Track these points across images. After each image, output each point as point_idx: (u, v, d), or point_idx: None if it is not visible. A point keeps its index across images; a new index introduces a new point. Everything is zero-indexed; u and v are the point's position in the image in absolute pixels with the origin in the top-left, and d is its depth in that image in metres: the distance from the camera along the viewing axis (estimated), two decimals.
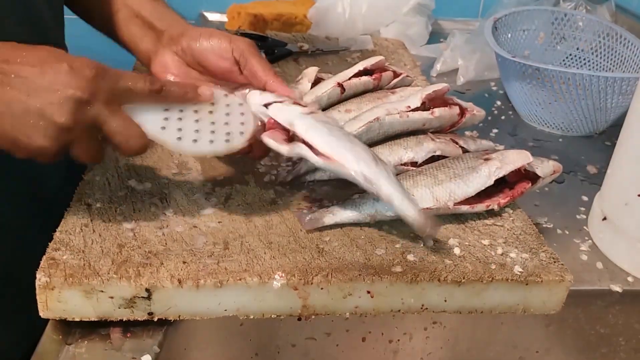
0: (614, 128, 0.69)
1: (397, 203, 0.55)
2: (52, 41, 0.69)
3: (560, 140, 0.96)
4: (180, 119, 0.57)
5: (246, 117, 0.61)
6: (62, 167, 0.75)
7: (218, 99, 0.61)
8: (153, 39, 0.72)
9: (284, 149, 0.57)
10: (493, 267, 0.58)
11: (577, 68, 1.08)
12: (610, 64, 1.04)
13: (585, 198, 0.79)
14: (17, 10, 0.63)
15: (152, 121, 0.55)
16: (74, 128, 0.50)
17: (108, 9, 0.76)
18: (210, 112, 0.59)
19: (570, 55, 1.10)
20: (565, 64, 1.11)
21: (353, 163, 0.55)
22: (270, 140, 0.57)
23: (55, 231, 0.56)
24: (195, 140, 0.56)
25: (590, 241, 0.71)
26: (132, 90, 0.53)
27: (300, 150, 0.56)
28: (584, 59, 1.09)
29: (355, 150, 0.56)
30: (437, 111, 0.72)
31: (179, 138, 0.56)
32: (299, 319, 0.63)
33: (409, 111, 0.70)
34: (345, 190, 0.68)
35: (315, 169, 0.68)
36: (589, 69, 1.07)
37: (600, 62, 1.06)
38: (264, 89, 0.64)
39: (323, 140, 0.56)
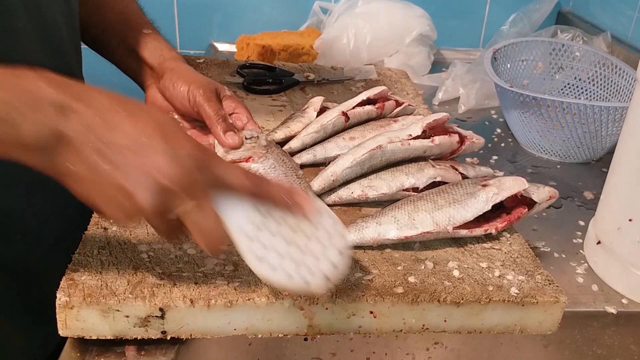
0: (611, 155, 0.71)
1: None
2: (74, 72, 0.74)
3: (558, 166, 0.99)
4: (272, 234, 0.50)
5: (342, 257, 0.52)
6: None
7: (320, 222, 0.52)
8: (146, 73, 0.78)
9: None
10: (490, 288, 0.60)
11: (575, 97, 1.12)
12: (607, 93, 1.08)
13: (581, 223, 0.82)
14: (43, 42, 0.67)
15: (237, 220, 0.49)
16: (153, 213, 0.46)
17: (109, 43, 0.82)
18: (308, 237, 0.51)
19: (568, 84, 1.14)
20: (563, 92, 1.14)
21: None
22: None
23: (74, 253, 0.59)
24: (274, 268, 0.49)
25: (586, 264, 0.74)
26: (233, 185, 0.49)
27: None
28: (582, 88, 1.12)
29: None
30: (438, 139, 0.75)
31: (259, 258, 0.49)
32: (305, 339, 0.65)
33: (411, 139, 0.74)
34: (349, 215, 0.71)
35: (321, 194, 0.72)
36: (586, 98, 1.10)
37: (597, 91, 1.10)
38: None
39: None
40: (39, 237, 0.71)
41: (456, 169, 0.75)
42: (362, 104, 0.85)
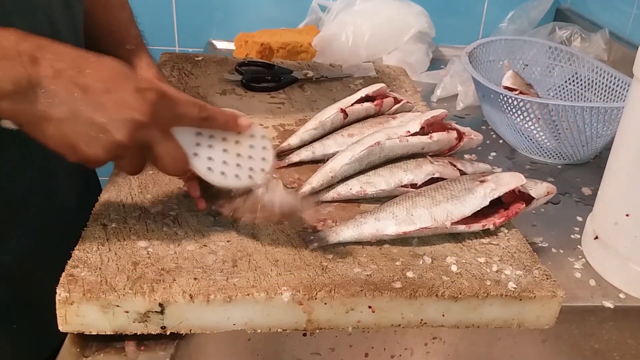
0: (608, 151, 0.72)
1: None
2: None
3: (557, 163, 0.99)
4: (210, 146, 0.59)
5: (267, 152, 0.62)
6: (79, 188, 0.79)
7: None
8: None
9: None
10: (488, 283, 0.61)
11: (571, 100, 1.11)
12: (596, 96, 1.07)
13: (579, 218, 0.82)
14: None
15: (187, 145, 0.57)
16: (129, 146, 0.53)
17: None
18: (237, 142, 0.61)
19: (560, 86, 1.14)
20: (557, 94, 1.14)
21: None
22: None
23: (73, 249, 0.60)
24: (223, 173, 0.59)
25: (583, 259, 0.74)
26: (186, 116, 0.57)
27: None
28: (576, 92, 1.12)
29: None
30: (436, 135, 0.76)
31: (209, 168, 0.58)
32: (304, 334, 0.66)
33: (409, 136, 0.74)
34: (347, 211, 0.71)
35: (319, 190, 0.72)
36: (584, 101, 1.10)
37: (587, 95, 1.09)
38: None
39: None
40: (31, 240, 0.71)
41: (454, 165, 0.76)
42: (360, 101, 0.85)
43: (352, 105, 0.84)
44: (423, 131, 0.75)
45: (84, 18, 0.78)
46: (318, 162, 0.78)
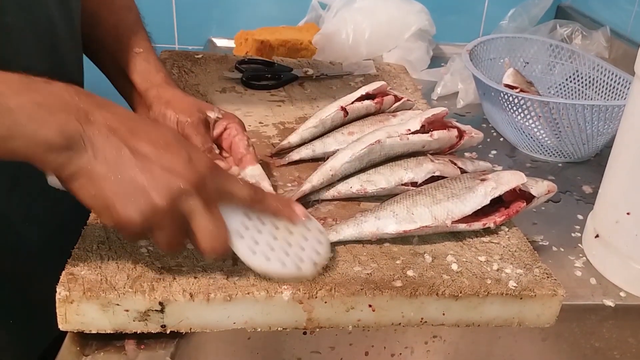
0: (610, 150, 0.71)
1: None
2: (71, 73, 0.73)
3: (557, 161, 0.99)
4: (259, 231, 0.56)
5: (323, 246, 0.59)
6: None
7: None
8: (136, 99, 0.78)
9: None
10: (489, 282, 0.60)
11: (572, 98, 1.11)
12: (596, 94, 1.07)
13: (580, 217, 0.82)
14: (36, 40, 0.66)
15: (232, 224, 0.54)
16: (166, 212, 0.49)
17: (104, 61, 0.81)
18: (290, 232, 0.58)
19: (561, 84, 1.13)
20: (558, 93, 1.14)
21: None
22: None
23: (73, 248, 0.60)
24: (268, 259, 0.55)
25: (584, 258, 0.74)
26: (236, 194, 0.54)
27: None
28: (577, 90, 1.11)
29: None
30: (436, 134, 0.75)
31: (254, 252, 0.55)
32: (304, 333, 0.66)
33: (409, 134, 0.74)
34: (348, 209, 0.71)
35: (320, 189, 0.72)
36: (585, 99, 1.09)
37: (587, 93, 1.09)
38: None
39: None
40: (27, 241, 0.71)
41: (455, 164, 0.75)
42: (361, 99, 0.85)
43: (352, 103, 0.84)
44: (424, 129, 0.75)
45: (87, 17, 0.78)
46: (318, 160, 0.78)
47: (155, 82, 0.77)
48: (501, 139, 1.04)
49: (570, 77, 1.11)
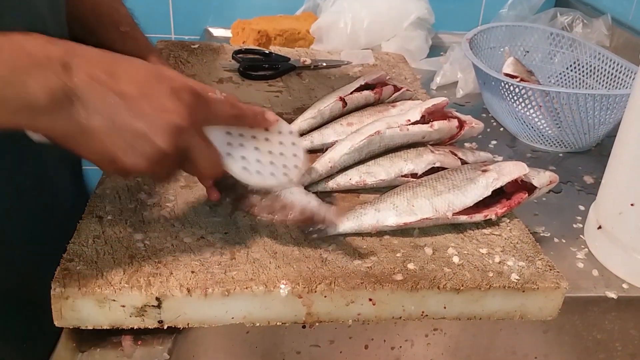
0: (611, 139, 0.70)
1: None
2: None
3: (558, 151, 0.98)
4: (241, 145, 0.56)
5: (297, 148, 0.60)
6: (74, 180, 0.77)
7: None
8: None
9: None
10: (491, 274, 0.60)
11: (573, 87, 1.10)
12: (597, 83, 1.06)
13: (582, 207, 0.81)
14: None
15: (219, 145, 0.55)
16: (171, 153, 0.50)
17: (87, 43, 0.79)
18: (267, 139, 0.59)
19: (562, 73, 1.12)
20: (557, 82, 1.12)
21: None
22: None
23: (68, 243, 0.59)
24: (259, 172, 0.56)
25: (586, 249, 0.73)
26: (219, 114, 0.54)
27: None
28: (578, 79, 1.10)
29: None
30: (437, 124, 0.74)
31: (245, 168, 0.56)
32: (304, 327, 0.65)
33: (409, 124, 0.73)
34: (347, 201, 0.70)
35: (319, 181, 0.71)
36: (586, 88, 1.08)
37: (588, 82, 1.08)
38: None
39: None
40: (26, 234, 0.70)
41: (455, 154, 0.74)
42: (359, 89, 0.84)
43: (351, 93, 0.82)
44: (424, 120, 0.74)
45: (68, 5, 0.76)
46: (317, 151, 0.77)
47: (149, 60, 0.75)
48: (501, 129, 1.03)
49: (571, 65, 1.10)
